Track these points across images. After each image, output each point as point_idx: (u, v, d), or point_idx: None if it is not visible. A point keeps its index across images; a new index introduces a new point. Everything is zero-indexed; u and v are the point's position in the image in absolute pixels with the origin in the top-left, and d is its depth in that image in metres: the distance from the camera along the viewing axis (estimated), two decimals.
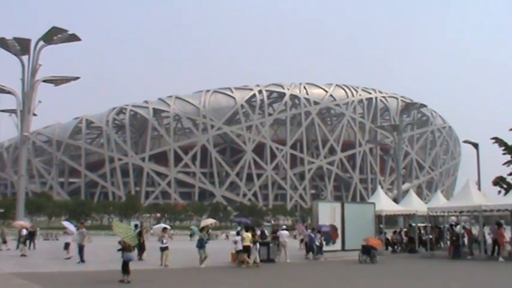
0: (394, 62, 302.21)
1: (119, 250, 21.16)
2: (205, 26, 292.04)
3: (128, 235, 20.99)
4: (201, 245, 27.33)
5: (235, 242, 27.66)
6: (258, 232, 30.84)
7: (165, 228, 31.16)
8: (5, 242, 41.14)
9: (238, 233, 28.41)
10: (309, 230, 36.01)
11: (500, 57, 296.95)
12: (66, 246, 31.92)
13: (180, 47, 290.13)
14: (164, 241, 27.74)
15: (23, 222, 40.32)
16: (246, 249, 27.17)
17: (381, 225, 39.51)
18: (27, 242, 36.78)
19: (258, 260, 27.88)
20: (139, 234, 32.36)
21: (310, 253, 31.92)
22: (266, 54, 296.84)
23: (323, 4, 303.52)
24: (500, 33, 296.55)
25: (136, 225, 48.58)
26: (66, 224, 34.55)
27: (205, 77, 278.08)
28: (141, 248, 31.69)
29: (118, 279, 20.57)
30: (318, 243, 31.74)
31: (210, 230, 34.79)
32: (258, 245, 28.43)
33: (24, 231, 36.53)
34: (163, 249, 27.52)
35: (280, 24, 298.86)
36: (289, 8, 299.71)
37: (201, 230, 28.91)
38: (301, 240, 40.23)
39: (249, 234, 27.56)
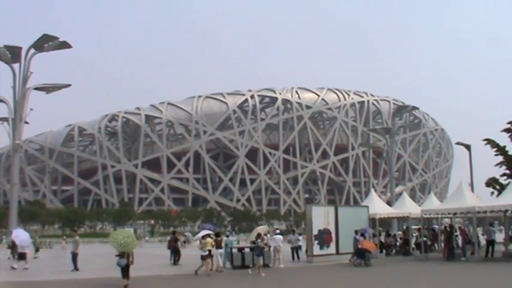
0: (385, 65, 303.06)
1: (117, 255, 21.28)
2: (196, 33, 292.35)
3: (125, 242, 21.05)
4: (259, 252, 26.73)
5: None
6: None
7: (206, 236, 29.22)
8: (37, 250, 41.37)
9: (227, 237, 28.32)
10: (296, 235, 36.09)
11: (492, 59, 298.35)
12: (21, 256, 30.33)
13: (172, 53, 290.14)
14: (206, 249, 26.79)
15: None
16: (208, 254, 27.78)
17: (381, 228, 39.71)
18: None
19: (221, 264, 28.55)
20: (175, 240, 33.68)
21: (355, 257, 31.59)
22: (257, 59, 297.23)
23: (313, 7, 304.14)
24: (492, 35, 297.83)
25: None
26: (15, 233, 31.87)
27: (197, 82, 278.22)
28: (177, 253, 32.84)
29: (122, 285, 20.81)
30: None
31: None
32: (220, 251, 28.66)
33: None
34: (204, 257, 26.46)
35: (270, 29, 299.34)
36: (279, 12, 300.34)
37: (257, 237, 28.04)
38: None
39: (210, 240, 27.93)
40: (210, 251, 27.44)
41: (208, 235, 29.24)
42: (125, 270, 21.04)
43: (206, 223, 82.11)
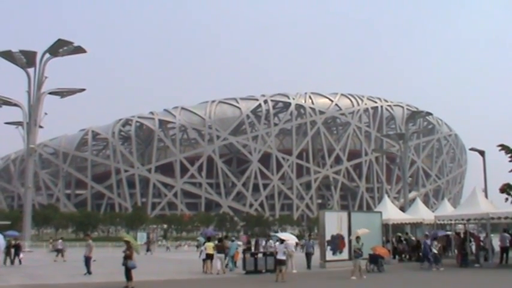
0: (399, 70, 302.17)
1: (124, 257, 21.92)
2: (210, 37, 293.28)
3: (137, 244, 22.23)
4: (358, 255, 26.63)
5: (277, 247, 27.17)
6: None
7: (282, 240, 27.25)
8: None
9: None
10: (312, 241, 35.70)
11: (508, 64, 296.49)
12: None
13: (186, 58, 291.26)
14: (284, 252, 25.88)
15: None
16: (209, 257, 28.75)
17: (399, 234, 39.60)
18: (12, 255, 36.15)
19: (218, 268, 28.78)
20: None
21: (426, 262, 31.20)
22: (271, 64, 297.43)
23: (326, 12, 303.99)
24: (507, 38, 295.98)
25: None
26: None
27: (210, 87, 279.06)
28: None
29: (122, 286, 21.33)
30: (436, 251, 30.99)
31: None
32: (220, 255, 29.14)
33: None
34: (281, 262, 25.37)
35: (284, 35, 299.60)
36: (293, 18, 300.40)
37: (357, 240, 27.41)
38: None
39: (211, 244, 29.12)
40: (211, 254, 28.36)
41: (282, 240, 28.05)
42: (130, 272, 21.92)
43: (207, 228, 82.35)
